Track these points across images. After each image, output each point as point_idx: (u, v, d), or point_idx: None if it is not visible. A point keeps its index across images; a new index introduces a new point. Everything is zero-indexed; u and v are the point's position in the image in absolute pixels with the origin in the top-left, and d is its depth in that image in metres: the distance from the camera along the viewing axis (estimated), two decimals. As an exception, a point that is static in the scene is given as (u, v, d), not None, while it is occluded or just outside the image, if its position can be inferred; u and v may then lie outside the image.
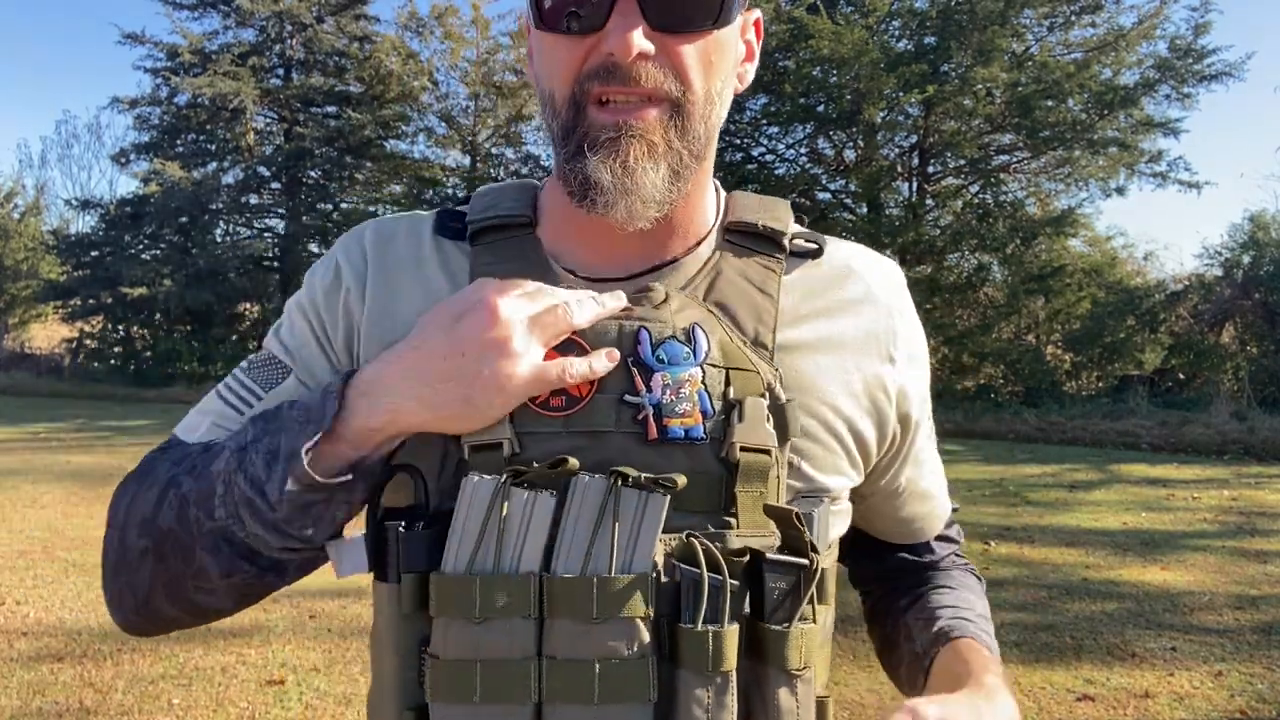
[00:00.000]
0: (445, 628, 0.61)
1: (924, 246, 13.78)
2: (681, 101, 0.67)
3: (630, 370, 0.66)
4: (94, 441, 10.14)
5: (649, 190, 0.66)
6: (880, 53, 12.92)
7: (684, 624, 0.60)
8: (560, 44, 0.67)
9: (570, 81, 0.67)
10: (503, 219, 0.74)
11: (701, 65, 0.67)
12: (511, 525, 0.62)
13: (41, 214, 25.15)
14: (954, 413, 11.51)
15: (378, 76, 18.06)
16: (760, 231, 0.75)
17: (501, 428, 0.64)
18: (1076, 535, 5.74)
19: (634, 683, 0.60)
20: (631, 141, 0.65)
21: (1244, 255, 13.16)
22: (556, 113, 0.68)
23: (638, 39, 0.64)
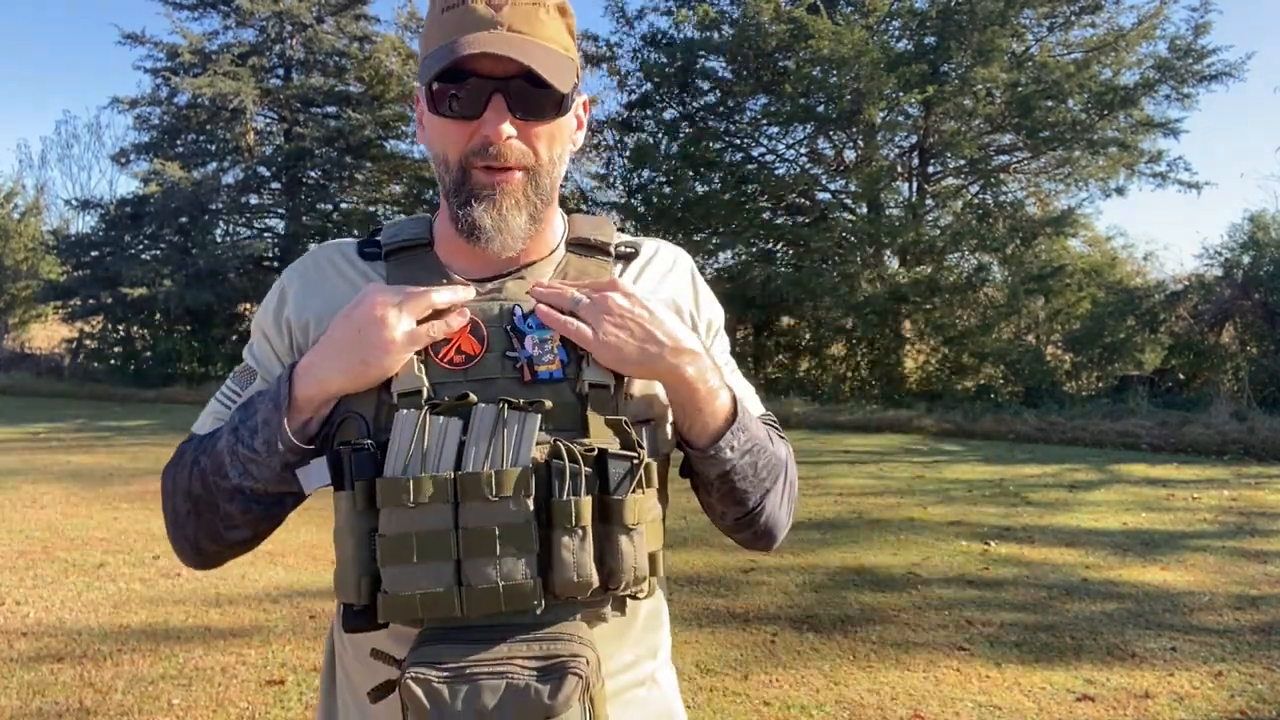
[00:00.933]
0: (389, 515, 0.85)
1: (924, 246, 13.78)
2: (535, 169, 0.96)
3: (509, 335, 0.95)
4: (94, 441, 10.15)
5: (516, 231, 0.96)
6: (880, 53, 12.92)
7: (555, 497, 0.86)
8: (451, 126, 0.95)
9: (459, 153, 0.95)
10: (408, 242, 1.03)
11: (547, 142, 0.97)
12: (431, 442, 0.87)
13: (41, 214, 25.19)
14: (954, 413, 11.51)
15: (378, 76, 18.05)
16: (593, 243, 1.06)
17: (419, 379, 0.91)
18: (1076, 535, 5.73)
19: (522, 539, 0.85)
20: (504, 197, 0.95)
21: (1244, 255, 13.15)
22: (449, 170, 0.97)
23: (506, 128, 0.93)
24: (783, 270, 14.56)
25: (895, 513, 6.39)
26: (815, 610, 4.20)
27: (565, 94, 0.96)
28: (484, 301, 0.96)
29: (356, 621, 0.87)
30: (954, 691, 3.33)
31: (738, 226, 14.85)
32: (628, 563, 0.87)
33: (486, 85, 0.93)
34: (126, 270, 16.59)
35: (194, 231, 17.52)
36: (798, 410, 11.93)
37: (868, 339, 14.21)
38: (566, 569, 0.85)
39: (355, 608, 0.87)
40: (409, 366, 0.91)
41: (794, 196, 15.15)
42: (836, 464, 8.54)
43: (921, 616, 4.13)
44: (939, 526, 5.96)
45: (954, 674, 3.49)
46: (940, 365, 13.81)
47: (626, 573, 0.88)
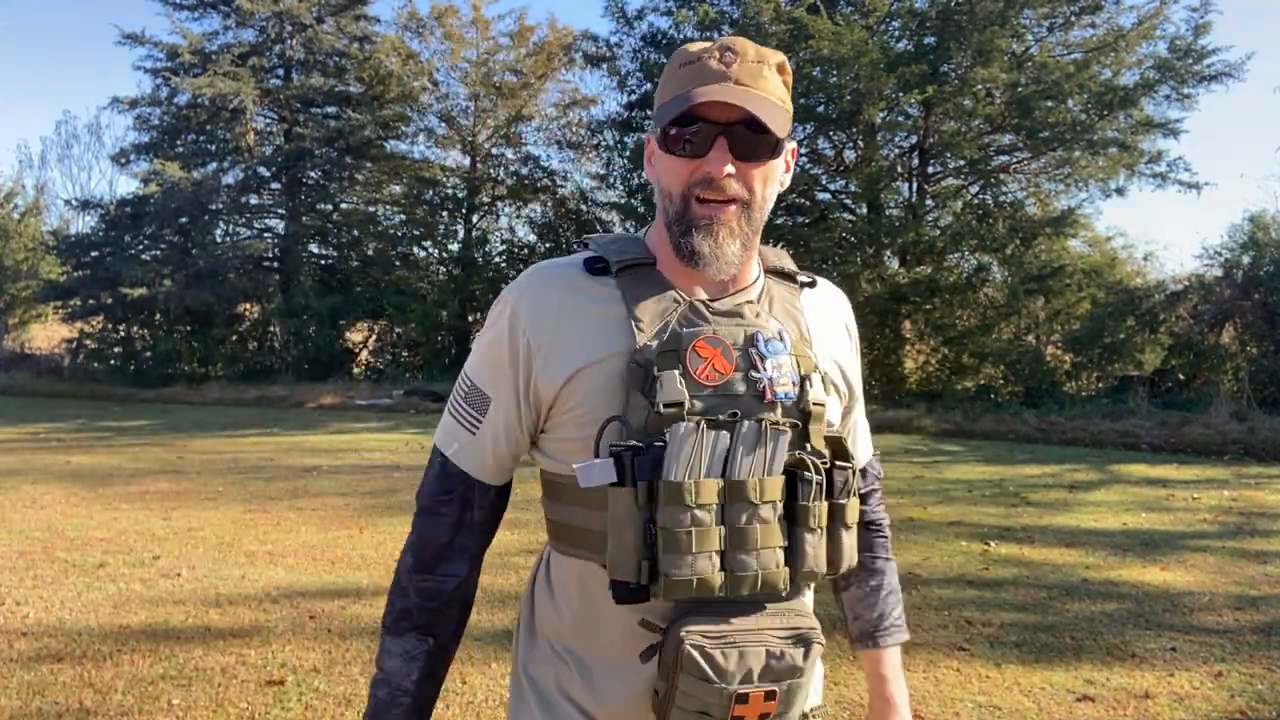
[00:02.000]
0: (669, 511, 0.99)
1: (924, 247, 13.77)
2: (749, 203, 1.09)
3: (751, 358, 1.07)
4: (94, 441, 10.15)
5: (730, 257, 1.09)
6: (880, 53, 12.92)
7: (800, 502, 1.04)
8: (677, 162, 1.09)
9: (683, 185, 1.08)
10: (637, 260, 1.13)
11: (761, 181, 1.09)
12: (704, 451, 1.01)
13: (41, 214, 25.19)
14: (954, 413, 11.50)
15: (378, 77, 18.06)
16: (784, 272, 1.22)
17: (682, 393, 1.02)
18: (1076, 535, 5.73)
19: (774, 536, 1.03)
20: (720, 227, 1.07)
21: (1244, 256, 13.15)
22: (672, 202, 1.09)
23: (728, 168, 1.06)
24: (783, 270, 14.54)
25: (895, 513, 6.39)
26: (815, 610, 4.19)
27: (780, 140, 1.08)
28: (731, 326, 1.08)
29: (629, 595, 1.01)
30: (954, 691, 3.33)
31: (738, 227, 14.84)
32: (846, 555, 1.09)
33: (713, 129, 1.06)
34: (126, 270, 16.59)
35: (194, 232, 17.53)
36: (798, 410, 11.92)
37: (868, 339, 14.20)
38: (809, 561, 1.04)
39: (632, 585, 1.01)
40: (673, 380, 1.03)
41: (794, 197, 15.14)
42: (836, 464, 8.53)
43: (921, 616, 4.13)
44: (939, 526, 5.96)
45: (954, 674, 3.49)
46: (940, 365, 13.81)
47: (845, 562, 1.09)
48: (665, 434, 1.02)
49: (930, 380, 13.64)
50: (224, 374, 17.07)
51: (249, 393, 15.19)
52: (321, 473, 8.10)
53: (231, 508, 6.50)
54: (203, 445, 9.90)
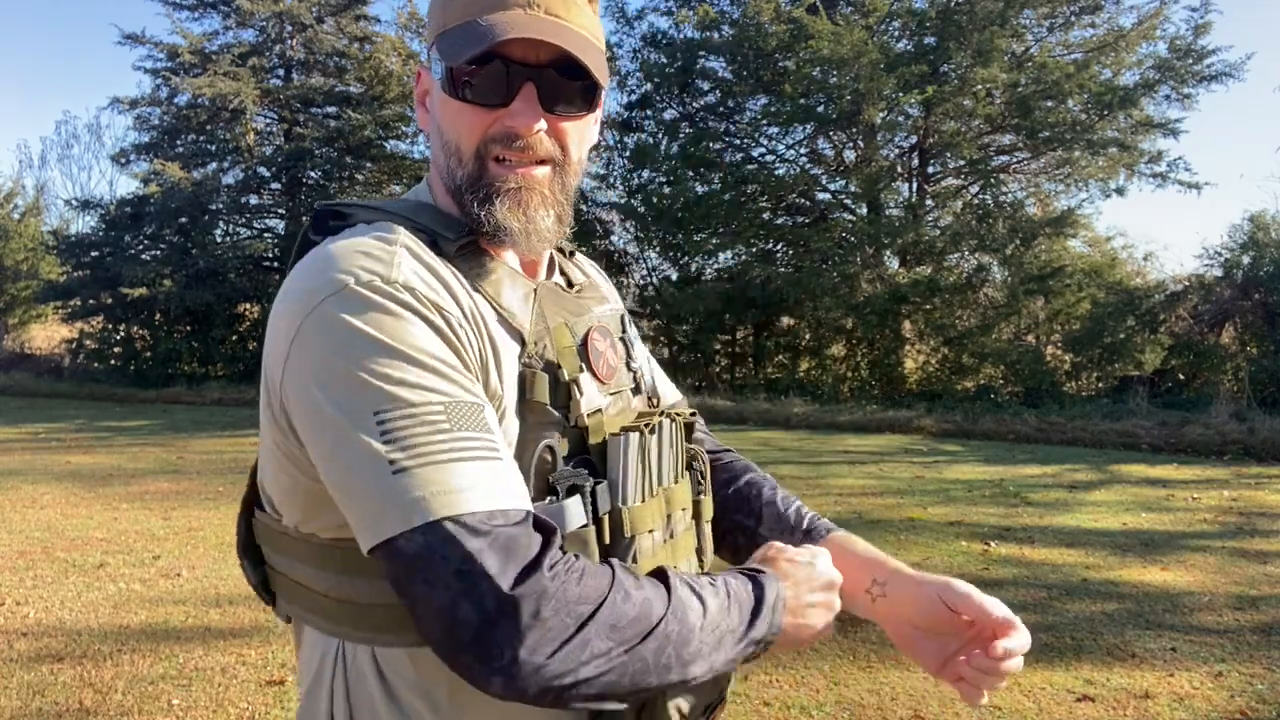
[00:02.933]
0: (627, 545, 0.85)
1: (924, 247, 13.78)
2: (563, 165, 0.88)
3: (625, 346, 0.94)
4: (94, 442, 10.14)
5: (544, 232, 0.87)
6: (880, 53, 12.92)
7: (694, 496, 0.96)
8: (467, 110, 0.85)
9: (475, 141, 0.85)
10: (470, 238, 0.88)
11: (577, 139, 0.89)
12: (650, 462, 0.88)
13: (41, 214, 25.17)
14: (954, 413, 11.50)
15: (378, 77, 18.05)
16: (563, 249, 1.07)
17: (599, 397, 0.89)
18: (1076, 535, 5.73)
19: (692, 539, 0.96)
20: (530, 194, 0.86)
21: (1244, 256, 13.15)
22: (462, 162, 0.87)
23: (538, 120, 0.85)
24: (783, 270, 14.56)
25: (895, 513, 6.39)
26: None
27: (600, 87, 0.88)
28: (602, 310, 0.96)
29: None
30: (954, 692, 3.32)
31: (738, 227, 14.85)
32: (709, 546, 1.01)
33: (518, 72, 0.84)
34: (126, 270, 16.58)
35: (194, 232, 17.51)
36: (798, 410, 11.93)
37: (868, 339, 14.21)
38: (708, 555, 0.96)
39: None
40: (590, 383, 0.87)
41: (794, 197, 15.15)
42: (836, 464, 8.54)
43: (921, 617, 4.13)
44: (939, 526, 5.96)
45: (954, 674, 3.48)
46: (940, 365, 13.81)
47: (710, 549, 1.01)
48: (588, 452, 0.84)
49: (930, 380, 13.64)
50: (224, 374, 17.04)
51: (249, 393, 15.17)
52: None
53: (231, 508, 6.50)
54: (203, 445, 9.90)
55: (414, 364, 0.74)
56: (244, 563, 0.96)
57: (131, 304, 16.93)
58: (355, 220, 0.88)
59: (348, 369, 0.73)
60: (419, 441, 0.72)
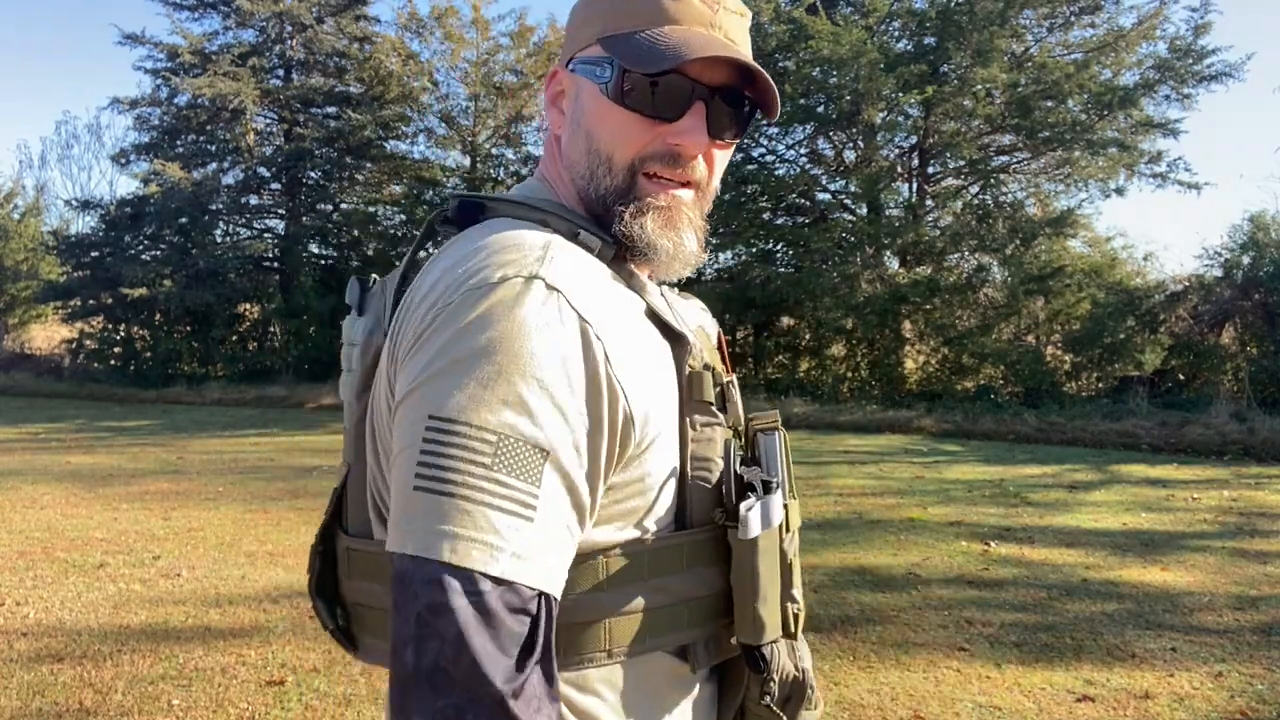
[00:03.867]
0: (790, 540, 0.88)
1: (924, 247, 13.77)
2: (704, 190, 0.86)
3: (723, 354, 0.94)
4: (94, 442, 10.14)
5: (688, 254, 0.84)
6: (879, 53, 12.92)
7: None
8: (631, 120, 0.81)
9: (632, 154, 0.82)
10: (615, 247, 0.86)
11: (720, 166, 0.88)
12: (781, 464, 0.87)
13: (41, 214, 25.16)
14: (954, 413, 11.50)
15: (378, 77, 18.05)
16: None
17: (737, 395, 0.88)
18: (1076, 536, 5.73)
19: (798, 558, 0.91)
20: (679, 214, 0.83)
21: (1244, 256, 13.15)
22: (612, 173, 0.83)
23: (704, 142, 0.82)
24: (783, 271, 14.56)
25: (895, 513, 6.39)
26: (815, 610, 4.19)
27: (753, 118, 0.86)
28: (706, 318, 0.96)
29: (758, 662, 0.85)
30: (954, 692, 3.33)
31: (738, 227, 14.85)
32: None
33: (696, 90, 0.80)
34: (126, 271, 16.58)
35: (194, 232, 17.51)
36: (798, 410, 11.94)
37: (868, 339, 14.21)
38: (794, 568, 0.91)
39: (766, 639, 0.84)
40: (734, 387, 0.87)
41: (794, 197, 15.14)
42: (836, 464, 8.54)
43: (921, 617, 4.13)
44: (939, 526, 5.96)
45: (954, 674, 3.49)
46: (940, 366, 13.80)
47: None
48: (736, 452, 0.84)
49: (930, 380, 13.64)
50: (224, 374, 17.05)
51: (249, 393, 15.19)
52: (321, 473, 8.10)
53: (231, 508, 6.50)
54: (203, 445, 9.90)
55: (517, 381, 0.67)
56: (317, 603, 0.88)
57: (131, 304, 16.93)
58: (497, 214, 0.85)
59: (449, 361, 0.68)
60: (453, 467, 0.65)
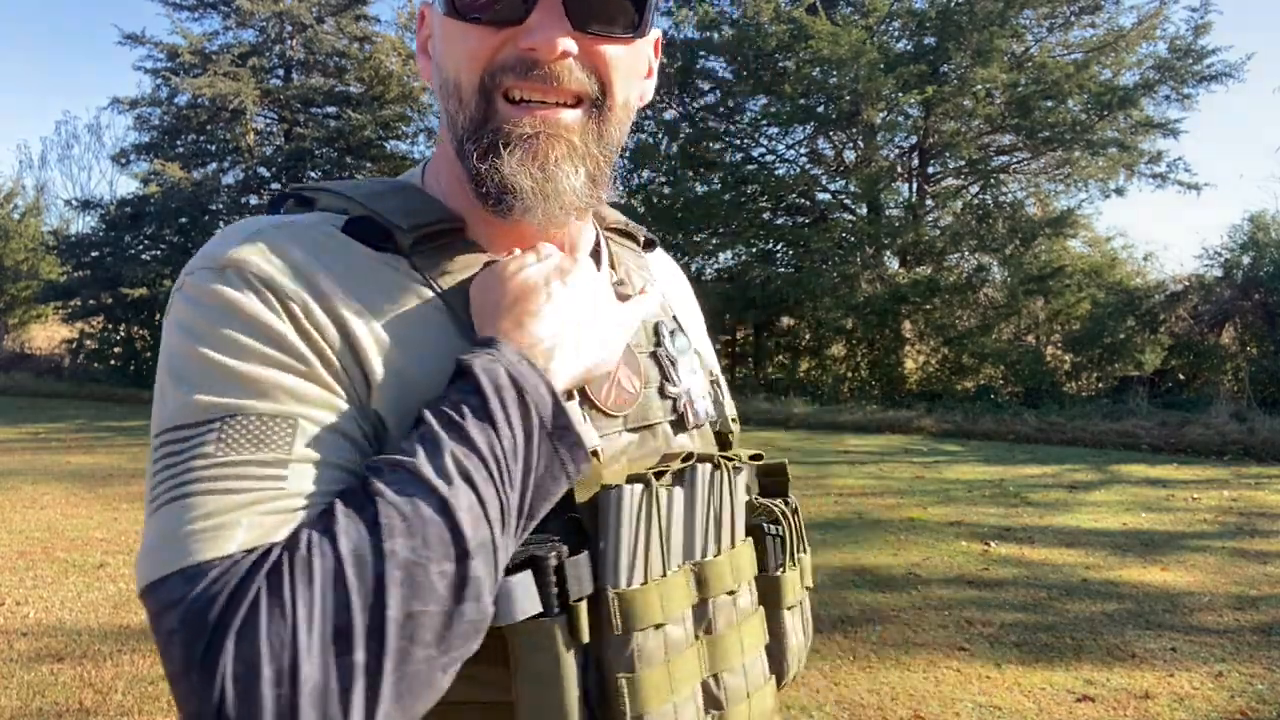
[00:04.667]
0: (625, 644, 0.59)
1: (924, 247, 13.78)
2: (601, 105, 0.65)
3: (661, 363, 0.69)
4: (94, 442, 10.14)
5: (569, 196, 0.64)
6: (879, 53, 12.92)
7: (772, 572, 0.69)
8: (471, 32, 0.64)
9: (480, 70, 0.63)
10: (435, 225, 0.67)
11: (624, 72, 0.66)
12: (662, 525, 0.62)
13: (41, 214, 25.16)
14: (954, 413, 11.50)
15: (378, 77, 18.05)
16: (626, 229, 0.80)
17: (593, 434, 0.63)
18: (1076, 536, 5.73)
19: (758, 631, 0.67)
20: (552, 141, 0.63)
21: (1244, 256, 13.15)
22: (463, 103, 0.65)
23: (564, 40, 0.62)
24: (783, 270, 14.56)
25: (895, 513, 6.39)
26: (815, 610, 4.19)
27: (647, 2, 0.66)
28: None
29: None
30: (954, 691, 3.33)
31: (738, 227, 14.86)
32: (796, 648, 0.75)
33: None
34: (127, 270, 16.59)
35: (194, 232, 17.51)
36: (798, 410, 11.94)
37: (868, 339, 14.21)
38: (795, 654, 0.71)
39: None
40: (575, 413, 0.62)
41: (794, 197, 15.14)
42: (836, 464, 8.54)
43: (921, 616, 4.13)
44: (939, 526, 5.96)
45: (954, 674, 3.49)
46: (940, 366, 13.81)
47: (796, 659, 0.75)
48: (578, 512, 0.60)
49: (930, 380, 13.64)
50: (224, 374, 17.06)
51: (249, 393, 15.18)
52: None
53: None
54: (203, 445, 9.90)
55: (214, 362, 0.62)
56: None
57: (132, 304, 16.94)
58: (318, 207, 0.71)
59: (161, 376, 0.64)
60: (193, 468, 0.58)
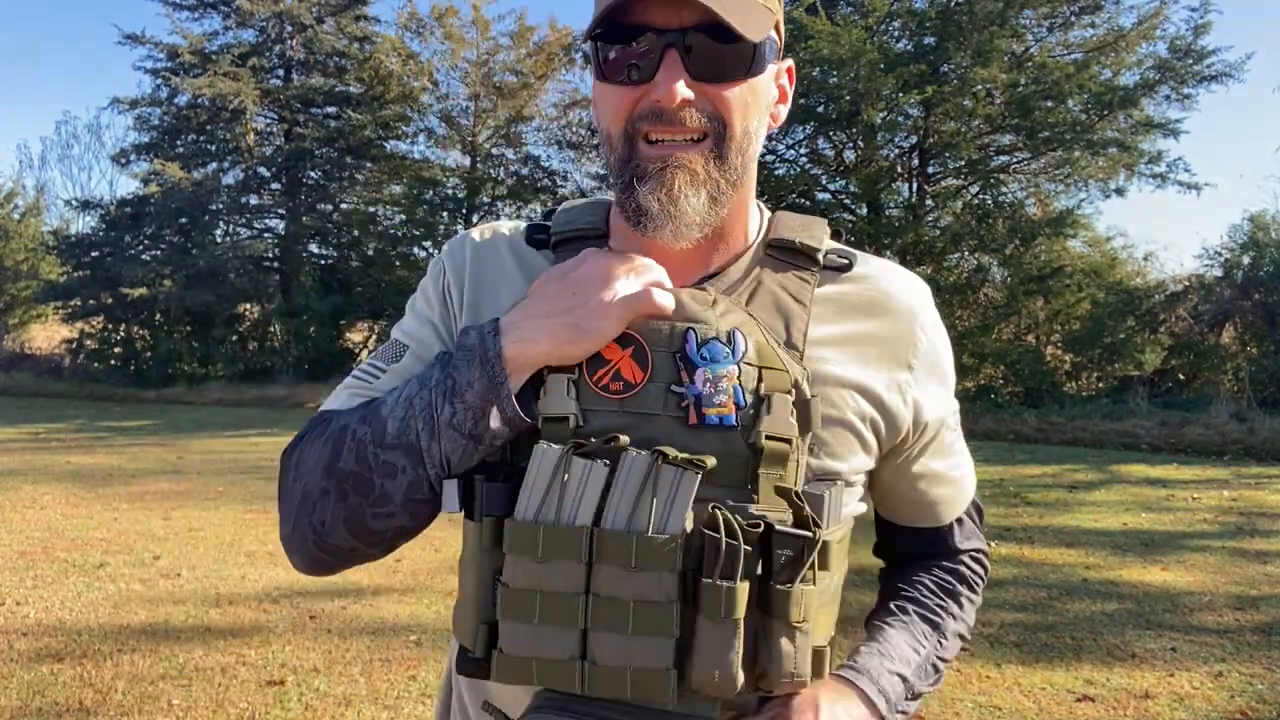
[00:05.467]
0: (514, 563, 0.75)
1: (924, 247, 13.77)
2: (722, 136, 0.80)
3: (678, 364, 0.78)
4: (94, 442, 10.14)
5: (690, 215, 0.79)
6: (879, 53, 12.92)
7: (705, 579, 0.73)
8: (616, 92, 0.80)
9: (623, 121, 0.80)
10: (580, 230, 0.89)
11: (738, 108, 0.80)
12: (571, 487, 0.74)
13: (41, 214, 25.15)
14: (954, 413, 11.50)
15: (378, 77, 18.05)
16: (797, 247, 0.88)
17: (569, 403, 0.77)
18: (1076, 535, 5.73)
19: (661, 621, 0.73)
20: (676, 172, 0.78)
21: (1244, 256, 13.15)
22: (613, 148, 0.82)
23: (680, 89, 0.77)
24: (783, 271, 14.55)
25: (895, 513, 6.38)
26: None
27: (756, 44, 0.79)
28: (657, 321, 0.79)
29: (470, 669, 0.79)
30: (954, 692, 3.33)
31: (738, 227, 14.86)
32: (786, 666, 0.75)
33: (658, 41, 0.77)
34: (126, 271, 16.59)
35: (194, 232, 17.52)
36: (798, 410, 11.93)
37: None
38: (708, 664, 0.73)
39: (471, 654, 0.78)
40: (559, 387, 0.77)
41: (794, 197, 15.14)
42: (836, 464, 8.54)
43: (921, 617, 4.13)
44: (939, 527, 5.96)
45: (954, 674, 3.49)
46: (940, 366, 13.80)
47: (784, 677, 0.75)
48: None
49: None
50: (224, 374, 17.04)
51: (249, 393, 15.19)
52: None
53: (231, 508, 6.50)
54: (203, 445, 9.90)
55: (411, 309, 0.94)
56: None
57: (131, 304, 16.93)
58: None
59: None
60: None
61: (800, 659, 0.76)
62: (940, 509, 0.99)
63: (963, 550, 1.04)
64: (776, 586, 0.74)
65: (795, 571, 0.74)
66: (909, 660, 0.92)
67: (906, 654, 0.93)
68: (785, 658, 0.75)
